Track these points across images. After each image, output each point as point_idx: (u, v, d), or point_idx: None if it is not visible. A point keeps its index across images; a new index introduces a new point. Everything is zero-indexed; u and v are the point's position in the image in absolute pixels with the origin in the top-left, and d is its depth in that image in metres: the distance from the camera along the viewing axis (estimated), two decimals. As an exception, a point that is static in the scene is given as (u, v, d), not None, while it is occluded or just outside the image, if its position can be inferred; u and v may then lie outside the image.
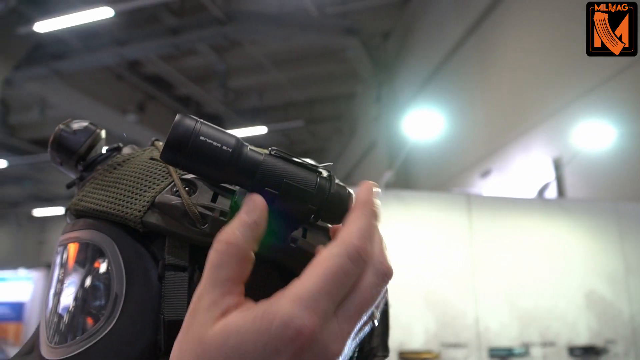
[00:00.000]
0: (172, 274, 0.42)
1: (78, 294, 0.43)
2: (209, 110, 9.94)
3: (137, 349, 0.39)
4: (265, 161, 0.39)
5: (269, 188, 0.38)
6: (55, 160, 0.49)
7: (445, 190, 5.03)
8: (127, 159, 0.47)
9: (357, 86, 9.31)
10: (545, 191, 3.65)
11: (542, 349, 2.93)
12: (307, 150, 12.82)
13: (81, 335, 0.40)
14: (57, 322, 0.42)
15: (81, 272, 0.43)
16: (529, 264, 3.08)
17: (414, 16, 7.28)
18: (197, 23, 6.93)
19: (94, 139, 0.49)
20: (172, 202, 0.42)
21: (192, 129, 0.37)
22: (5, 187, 11.48)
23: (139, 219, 0.42)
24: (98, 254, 0.43)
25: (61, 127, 0.48)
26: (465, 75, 5.85)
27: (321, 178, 0.40)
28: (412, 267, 3.00)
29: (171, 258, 0.42)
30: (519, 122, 4.66)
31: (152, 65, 8.48)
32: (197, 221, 0.41)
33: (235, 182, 0.40)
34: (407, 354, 2.89)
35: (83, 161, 0.48)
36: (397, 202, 3.19)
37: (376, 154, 8.12)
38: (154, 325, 0.40)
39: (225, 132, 0.39)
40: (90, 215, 0.44)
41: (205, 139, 0.37)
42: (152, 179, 0.44)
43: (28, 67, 7.68)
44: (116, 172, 0.46)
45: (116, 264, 0.41)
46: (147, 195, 0.43)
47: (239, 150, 0.39)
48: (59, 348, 0.40)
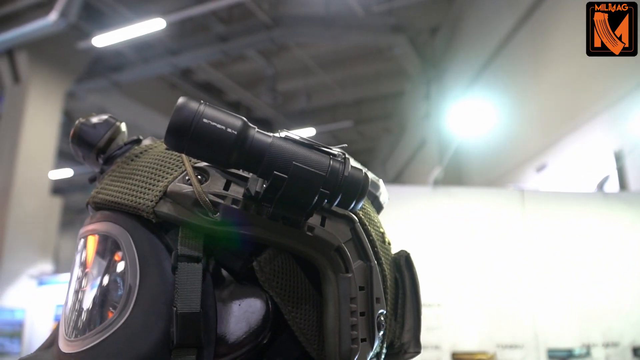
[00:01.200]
0: (185, 265, 0.41)
1: (94, 286, 0.43)
2: (259, 115, 10.10)
3: (149, 341, 0.39)
4: (273, 144, 0.38)
5: (278, 172, 0.37)
6: (77, 155, 0.50)
7: (499, 187, 4.87)
8: (145, 151, 0.48)
9: (405, 84, 9.17)
10: (604, 184, 3.45)
11: (604, 350, 2.77)
12: (356, 151, 12.75)
13: (96, 328, 0.40)
14: (74, 315, 0.43)
15: (98, 265, 0.44)
16: (589, 261, 2.92)
17: (463, 9, 7.09)
18: (245, 29, 7.06)
19: (114, 131, 0.49)
20: (184, 190, 0.41)
21: (195, 111, 0.37)
22: (71, 195, 12.12)
23: (151, 209, 0.42)
24: (114, 246, 0.43)
25: (81, 121, 0.49)
26: (518, 68, 5.64)
27: (334, 161, 0.39)
28: (463, 265, 2.91)
29: (184, 249, 0.41)
30: (576, 113, 4.44)
31: (203, 73, 8.72)
32: (208, 209, 0.41)
33: (243, 166, 0.39)
34: (461, 354, 2.81)
35: (103, 154, 0.48)
36: (447, 199, 3.11)
37: (426, 152, 7.97)
38: (167, 318, 0.39)
39: (231, 114, 0.38)
40: (107, 207, 0.45)
41: (209, 122, 0.36)
42: (166, 168, 0.44)
43: (89, 80, 8.10)
44: (133, 164, 0.46)
45: (130, 256, 0.41)
46: (160, 185, 0.43)
47: (245, 133, 0.37)
48: (75, 341, 0.41)
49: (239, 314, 0.42)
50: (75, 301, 0.44)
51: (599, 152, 4.00)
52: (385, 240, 0.52)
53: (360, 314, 0.44)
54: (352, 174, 0.38)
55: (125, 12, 6.88)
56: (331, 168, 0.38)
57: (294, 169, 0.36)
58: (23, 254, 6.62)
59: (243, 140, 0.37)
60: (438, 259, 2.93)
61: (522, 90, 5.48)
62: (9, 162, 6.81)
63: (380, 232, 0.52)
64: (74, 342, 0.41)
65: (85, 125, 0.49)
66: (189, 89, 9.05)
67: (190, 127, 0.36)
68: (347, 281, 0.43)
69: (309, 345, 0.44)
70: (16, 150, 6.80)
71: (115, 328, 0.39)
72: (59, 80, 7.37)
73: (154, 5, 6.96)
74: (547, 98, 5.02)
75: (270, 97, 8.49)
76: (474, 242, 2.97)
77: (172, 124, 0.36)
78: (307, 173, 0.37)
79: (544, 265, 2.92)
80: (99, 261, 0.44)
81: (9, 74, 7.16)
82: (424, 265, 2.90)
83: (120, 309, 0.40)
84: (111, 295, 0.42)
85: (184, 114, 0.36)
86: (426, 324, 2.83)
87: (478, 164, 6.70)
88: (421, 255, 2.91)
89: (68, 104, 8.09)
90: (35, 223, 6.90)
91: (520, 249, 2.95)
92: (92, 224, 0.45)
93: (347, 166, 0.38)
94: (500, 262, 2.93)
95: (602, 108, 4.05)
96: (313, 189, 0.37)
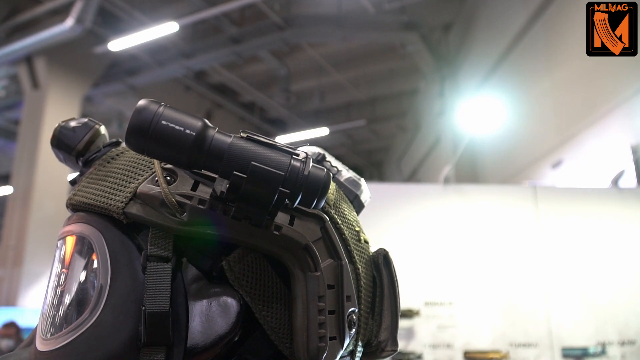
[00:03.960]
0: (154, 265, 0.41)
1: (69, 286, 0.44)
2: (273, 115, 10.13)
3: (119, 340, 0.40)
4: (233, 144, 0.38)
5: (237, 172, 0.37)
6: (58, 157, 0.51)
7: (514, 184, 4.81)
8: (121, 153, 0.49)
9: (419, 82, 9.12)
10: (619, 180, 3.39)
11: (620, 348, 2.72)
12: (371, 150, 12.71)
13: (68, 327, 0.41)
14: (50, 314, 0.44)
15: (74, 265, 0.45)
16: (604, 258, 2.87)
17: (475, 6, 7.02)
18: (257, 30, 7.09)
19: (93, 134, 0.50)
20: (152, 191, 0.42)
21: (154, 113, 0.37)
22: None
23: (121, 210, 0.42)
24: (88, 246, 0.44)
25: (61, 125, 0.50)
26: (532, 63, 5.57)
27: (295, 160, 0.39)
28: (476, 262, 2.89)
29: (153, 249, 0.42)
30: (591, 108, 4.36)
31: (216, 75, 8.78)
32: (175, 210, 0.41)
33: (204, 167, 0.40)
34: (473, 353, 2.78)
35: (82, 157, 0.49)
36: (457, 197, 3.08)
37: (441, 150, 7.91)
38: (136, 317, 0.40)
39: (191, 116, 0.39)
40: (82, 208, 0.46)
41: (168, 123, 0.37)
42: (138, 170, 0.45)
43: (105, 84, 8.22)
44: (109, 166, 0.47)
45: (102, 256, 0.42)
46: (131, 186, 0.43)
47: (204, 134, 0.38)
48: (49, 340, 0.42)
49: (209, 312, 0.43)
50: (51, 301, 0.45)
51: (615, 147, 3.93)
52: (361, 239, 0.52)
53: (329, 312, 0.44)
54: (313, 173, 0.39)
55: (139, 17, 6.97)
56: (291, 167, 0.38)
57: (252, 168, 0.37)
58: (43, 256, 6.75)
59: (202, 141, 0.37)
60: (450, 257, 2.91)
61: (537, 86, 5.41)
62: (29, 167, 6.95)
63: (356, 231, 0.52)
64: (48, 341, 0.42)
65: (65, 129, 0.50)
66: (203, 91, 9.13)
67: (149, 128, 0.37)
68: (315, 280, 0.43)
69: (281, 343, 0.45)
70: (36, 155, 6.94)
71: (86, 327, 0.40)
72: (76, 85, 7.51)
73: (167, 9, 7.04)
74: (561, 93, 4.95)
75: (283, 97, 8.52)
76: (487, 239, 2.94)
77: (131, 125, 0.37)
78: (266, 172, 0.37)
79: (558, 263, 2.87)
80: (74, 261, 0.45)
81: (28, 79, 7.31)
82: (436, 264, 2.88)
83: (91, 308, 0.41)
84: (84, 295, 0.43)
85: (143, 116, 0.37)
86: (438, 323, 2.82)
87: (493, 161, 6.63)
88: (432, 254, 2.89)
89: (85, 108, 8.22)
90: (55, 225, 7.02)
91: (534, 245, 2.92)
92: (69, 225, 0.46)
93: (308, 165, 0.38)
94: (514, 259, 2.90)
95: (617, 103, 3.98)
96: (272, 188, 0.37)
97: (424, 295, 2.83)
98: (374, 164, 13.06)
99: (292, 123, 10.12)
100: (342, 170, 0.57)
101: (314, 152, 0.54)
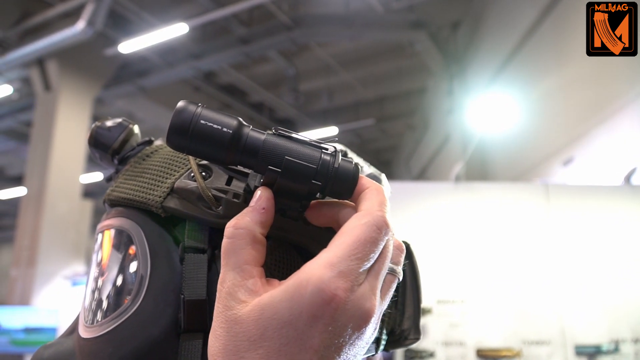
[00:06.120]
0: (192, 256, 0.43)
1: (110, 276, 0.46)
2: (282, 115, 10.16)
3: (160, 326, 0.42)
4: (266, 140, 0.40)
5: (272, 166, 0.39)
6: (95, 156, 0.54)
7: (525, 181, 4.79)
8: (155, 151, 0.51)
9: (428, 80, 9.10)
10: (631, 177, 3.37)
11: (634, 346, 2.71)
12: (380, 148, 12.71)
13: (111, 315, 0.43)
14: (93, 303, 0.46)
15: (113, 257, 0.47)
16: (616, 255, 2.86)
17: (484, 3, 7.00)
18: (266, 31, 7.13)
19: (127, 133, 0.52)
20: (189, 186, 0.44)
21: (193, 113, 0.39)
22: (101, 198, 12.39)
23: (159, 204, 0.45)
24: (127, 239, 0.46)
25: (97, 125, 0.53)
26: (542, 60, 5.54)
27: (325, 154, 0.41)
28: (488, 260, 2.89)
29: (190, 241, 0.44)
30: (602, 105, 4.34)
31: (225, 75, 8.83)
32: (211, 204, 0.43)
33: (240, 163, 0.41)
34: (486, 351, 2.79)
35: (118, 155, 0.52)
36: (469, 194, 3.09)
37: (450, 148, 7.90)
38: (175, 305, 0.42)
39: (226, 115, 0.41)
40: (120, 203, 0.48)
41: (206, 122, 0.39)
42: (174, 166, 0.47)
43: (116, 86, 8.29)
44: (144, 163, 0.50)
45: (142, 248, 0.44)
46: (167, 181, 0.46)
47: (240, 132, 0.40)
48: (92, 327, 0.44)
49: None
50: (93, 291, 0.47)
51: (627, 144, 3.91)
52: None
53: None
54: (342, 166, 0.40)
55: (149, 18, 7.02)
56: (322, 161, 0.39)
57: (286, 162, 0.38)
58: (57, 256, 6.84)
59: (238, 138, 0.39)
60: (461, 255, 2.91)
61: (547, 83, 5.38)
62: (42, 168, 7.04)
63: None
64: (91, 328, 0.44)
65: (101, 129, 0.52)
66: (213, 92, 9.18)
67: (189, 128, 0.39)
68: None
69: None
70: (48, 156, 7.01)
71: (129, 314, 0.42)
72: (87, 87, 7.58)
73: (176, 11, 7.09)
74: (572, 91, 4.92)
75: (292, 97, 8.54)
76: (498, 237, 2.94)
77: (172, 125, 0.38)
78: (299, 166, 0.39)
79: (570, 260, 2.87)
80: (114, 253, 0.47)
81: (40, 82, 7.40)
82: (447, 262, 2.89)
83: (132, 297, 0.43)
84: (125, 285, 0.45)
85: (183, 116, 0.39)
86: (450, 321, 2.83)
87: (504, 159, 6.60)
88: (444, 252, 2.90)
89: (97, 110, 8.30)
90: (68, 226, 7.11)
91: (546, 243, 2.91)
92: (108, 219, 0.49)
93: (337, 158, 0.40)
94: (525, 257, 2.90)
95: (628, 100, 3.95)
96: (305, 181, 0.39)
97: (435, 293, 2.84)
98: (382, 162, 13.05)
99: (300, 123, 10.15)
100: (364, 166, 0.58)
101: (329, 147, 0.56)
